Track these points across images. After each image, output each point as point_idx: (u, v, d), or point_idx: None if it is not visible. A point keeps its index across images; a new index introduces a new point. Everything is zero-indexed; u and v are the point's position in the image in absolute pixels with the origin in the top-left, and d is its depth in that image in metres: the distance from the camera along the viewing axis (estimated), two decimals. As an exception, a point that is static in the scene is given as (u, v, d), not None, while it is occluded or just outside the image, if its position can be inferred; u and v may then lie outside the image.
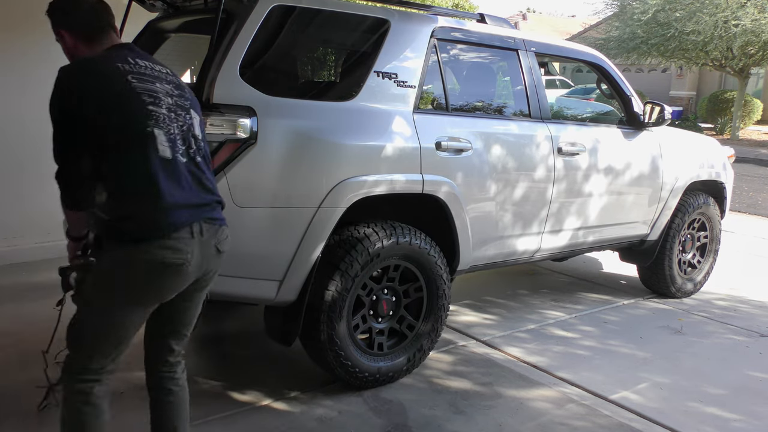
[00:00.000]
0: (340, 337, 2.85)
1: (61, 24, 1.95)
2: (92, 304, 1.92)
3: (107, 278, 1.88)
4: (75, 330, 1.94)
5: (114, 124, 1.79)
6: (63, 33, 1.95)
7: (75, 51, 1.97)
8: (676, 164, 4.28)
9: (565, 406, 2.96)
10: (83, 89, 1.81)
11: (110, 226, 1.87)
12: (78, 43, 1.95)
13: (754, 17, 14.71)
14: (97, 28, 1.96)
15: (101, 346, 1.90)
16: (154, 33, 3.56)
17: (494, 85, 3.94)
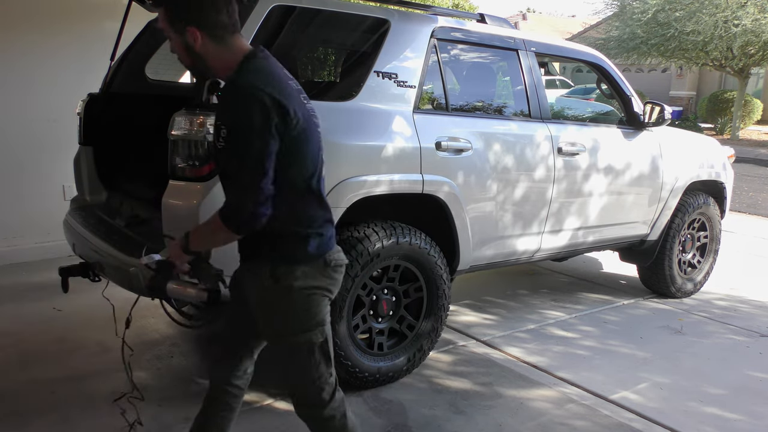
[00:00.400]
0: (340, 337, 2.85)
1: (197, 22, 1.75)
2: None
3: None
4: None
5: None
6: (195, 33, 1.75)
7: (200, 50, 1.79)
8: (676, 164, 4.28)
9: (565, 406, 2.96)
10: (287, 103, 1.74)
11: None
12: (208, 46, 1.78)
13: (754, 17, 14.71)
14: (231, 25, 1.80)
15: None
16: (154, 33, 3.57)
17: (494, 85, 3.94)
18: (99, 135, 3.47)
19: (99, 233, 2.98)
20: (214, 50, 1.78)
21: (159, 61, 3.80)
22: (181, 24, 1.76)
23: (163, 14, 1.79)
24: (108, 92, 3.50)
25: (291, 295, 1.83)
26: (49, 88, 4.86)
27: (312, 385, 1.91)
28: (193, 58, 1.80)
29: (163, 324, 3.76)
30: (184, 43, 1.78)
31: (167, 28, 1.79)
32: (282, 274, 1.82)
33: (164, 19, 1.78)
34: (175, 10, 1.77)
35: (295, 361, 1.90)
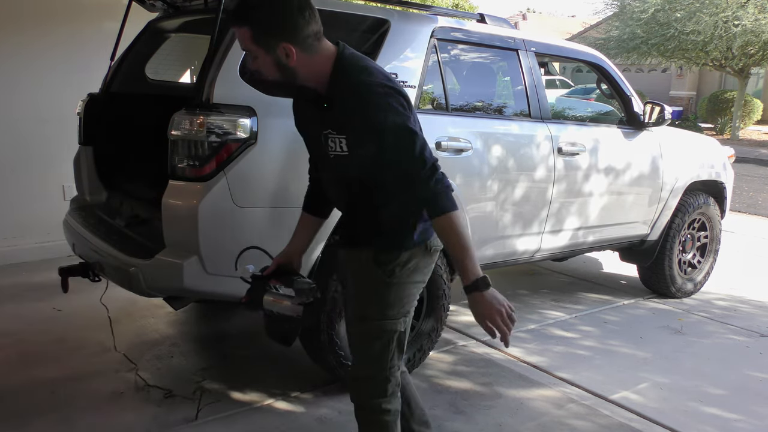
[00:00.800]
0: (341, 338, 2.85)
1: (288, 37, 1.68)
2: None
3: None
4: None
5: None
6: (289, 48, 1.68)
7: (295, 65, 1.72)
8: (676, 164, 4.28)
9: (565, 406, 2.96)
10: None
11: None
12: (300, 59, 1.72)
13: (754, 17, 14.71)
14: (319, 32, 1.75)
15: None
16: (154, 33, 3.57)
17: (494, 85, 3.94)
18: (99, 135, 3.46)
19: (99, 233, 2.98)
20: (306, 61, 1.71)
21: (159, 61, 3.81)
22: (271, 41, 1.68)
23: (248, 33, 1.69)
24: (108, 92, 3.50)
25: (391, 281, 1.84)
26: (48, 88, 4.86)
27: (381, 373, 1.92)
28: (283, 73, 1.73)
29: (163, 324, 3.76)
30: (275, 60, 1.70)
31: (252, 47, 1.70)
32: (386, 260, 1.84)
33: (250, 39, 1.69)
34: (265, 29, 1.68)
35: (373, 347, 1.90)
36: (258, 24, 1.67)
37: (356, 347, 1.99)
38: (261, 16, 1.67)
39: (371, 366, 1.93)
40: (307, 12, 1.70)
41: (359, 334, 1.97)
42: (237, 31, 1.73)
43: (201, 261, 2.47)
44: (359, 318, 1.95)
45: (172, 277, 2.49)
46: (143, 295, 2.67)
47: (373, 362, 1.92)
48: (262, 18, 1.67)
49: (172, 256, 2.49)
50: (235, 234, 2.53)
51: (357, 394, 2.00)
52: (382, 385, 1.94)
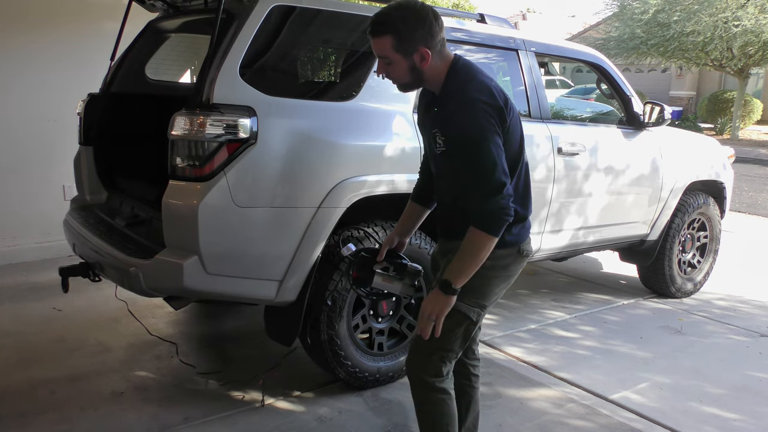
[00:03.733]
0: (341, 337, 2.85)
1: (426, 43, 1.89)
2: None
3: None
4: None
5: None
6: (425, 51, 1.90)
7: (427, 67, 1.94)
8: (676, 164, 4.28)
9: (565, 406, 2.96)
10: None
11: None
12: (433, 61, 1.93)
13: (754, 17, 14.71)
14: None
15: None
16: (154, 33, 3.57)
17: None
18: (99, 135, 3.47)
19: (99, 233, 2.98)
20: (435, 65, 1.93)
21: (159, 61, 3.81)
22: (411, 47, 1.88)
23: (390, 41, 1.87)
24: (108, 92, 3.50)
25: (479, 272, 1.93)
26: (48, 89, 4.86)
27: (440, 351, 2.03)
28: (414, 77, 1.94)
29: (163, 324, 3.76)
30: (410, 64, 1.91)
31: (391, 53, 1.90)
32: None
33: (391, 46, 1.88)
34: (408, 36, 1.87)
35: (444, 323, 1.96)
36: (399, 33, 1.87)
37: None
38: (404, 26, 1.87)
39: (432, 343, 2.00)
40: (440, 20, 1.92)
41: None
42: (376, 41, 1.91)
43: (201, 261, 2.47)
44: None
45: (172, 277, 2.49)
46: (143, 295, 2.67)
47: (435, 340, 1.99)
48: (405, 28, 1.87)
49: (172, 256, 2.49)
50: (235, 234, 2.53)
51: (411, 367, 2.09)
52: (437, 365, 2.04)
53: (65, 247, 3.40)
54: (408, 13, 1.89)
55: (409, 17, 1.88)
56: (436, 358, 2.04)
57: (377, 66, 1.99)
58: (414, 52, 1.89)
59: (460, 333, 2.04)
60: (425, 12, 1.89)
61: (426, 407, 2.10)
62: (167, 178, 2.52)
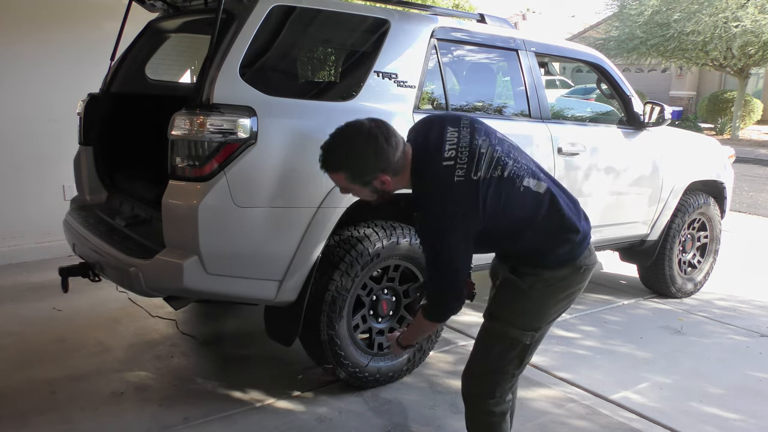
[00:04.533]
0: (341, 337, 2.85)
1: (382, 169, 1.89)
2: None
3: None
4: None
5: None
6: (384, 178, 1.90)
7: (390, 188, 1.96)
8: (676, 164, 4.28)
9: (565, 406, 2.96)
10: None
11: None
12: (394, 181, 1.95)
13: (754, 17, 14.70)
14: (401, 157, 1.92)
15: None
16: (154, 33, 3.57)
17: (494, 86, 3.94)
18: (99, 135, 3.46)
19: (99, 233, 2.98)
20: (396, 180, 1.92)
21: (159, 61, 3.81)
22: (367, 178, 1.89)
23: (342, 177, 1.90)
24: (108, 92, 3.50)
25: (530, 292, 1.95)
26: (48, 88, 4.86)
27: (495, 374, 2.02)
28: (380, 195, 1.97)
29: (163, 324, 3.76)
30: (371, 189, 1.93)
31: (349, 185, 1.93)
32: (525, 272, 1.97)
33: (346, 180, 1.90)
34: (360, 171, 1.88)
35: (493, 348, 2.01)
36: (351, 169, 1.88)
37: (478, 344, 2.08)
38: (354, 162, 1.87)
39: (486, 365, 2.03)
40: (392, 140, 1.86)
41: (485, 330, 2.07)
42: (331, 175, 1.94)
43: (201, 261, 2.47)
44: (489, 315, 2.05)
45: (172, 277, 2.49)
46: (143, 295, 2.67)
47: (489, 362, 2.02)
48: (355, 164, 1.87)
49: (172, 256, 2.49)
50: (235, 234, 2.53)
51: (466, 387, 2.12)
52: (491, 387, 2.03)
53: (65, 247, 3.40)
54: (356, 146, 1.86)
55: (359, 151, 1.86)
56: (490, 379, 2.04)
57: (340, 189, 2.01)
58: (373, 180, 1.89)
59: (515, 356, 2.01)
60: (373, 139, 1.84)
61: (477, 428, 2.12)
62: (167, 178, 2.52)
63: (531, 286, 1.95)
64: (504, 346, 1.99)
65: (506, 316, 2.00)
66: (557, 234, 1.95)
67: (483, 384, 2.05)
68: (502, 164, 1.93)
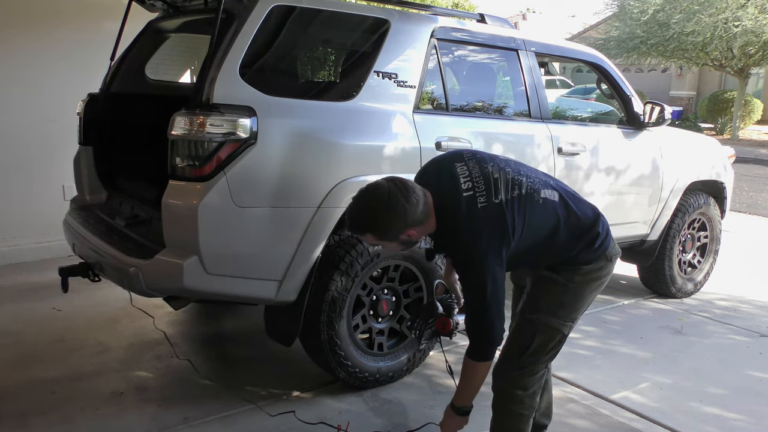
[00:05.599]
0: (341, 337, 2.85)
1: (406, 225, 1.97)
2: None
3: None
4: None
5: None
6: (410, 233, 1.98)
7: (417, 238, 2.05)
8: (676, 164, 4.28)
9: (565, 406, 2.96)
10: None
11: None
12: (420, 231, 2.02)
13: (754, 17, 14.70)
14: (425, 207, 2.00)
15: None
16: (154, 33, 3.57)
17: (494, 85, 3.94)
18: (99, 135, 3.46)
19: (99, 233, 2.98)
20: (421, 229, 2.00)
21: (159, 61, 3.81)
22: (394, 235, 1.97)
23: (372, 237, 1.99)
24: (108, 92, 3.50)
25: (568, 285, 2.07)
26: (48, 88, 4.86)
27: (531, 367, 2.12)
28: (407, 245, 2.06)
29: (163, 324, 3.76)
30: (399, 243, 2.02)
31: (379, 242, 2.02)
32: (564, 269, 2.08)
33: (374, 239, 2.00)
34: (386, 232, 1.97)
35: (532, 341, 2.10)
36: (377, 232, 1.97)
37: (517, 337, 2.15)
38: (379, 226, 1.96)
39: (525, 358, 2.10)
40: (413, 197, 1.93)
41: (526, 323, 2.13)
42: (360, 237, 2.08)
43: (201, 261, 2.47)
44: (532, 309, 2.12)
45: (172, 277, 2.49)
46: (143, 295, 2.67)
47: (528, 355, 2.10)
48: (381, 227, 1.96)
49: (172, 256, 2.49)
50: (234, 234, 2.53)
51: (501, 380, 2.16)
52: (528, 379, 2.12)
53: (65, 247, 3.40)
54: (378, 213, 1.93)
55: (382, 214, 1.93)
56: (526, 371, 2.12)
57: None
58: (400, 235, 1.97)
59: (553, 347, 2.13)
60: (394, 200, 1.91)
61: (508, 421, 2.17)
62: (167, 178, 2.52)
63: (569, 280, 2.07)
64: (545, 336, 2.09)
65: (548, 308, 2.09)
66: (583, 234, 2.08)
67: (521, 376, 2.12)
68: (518, 183, 2.02)
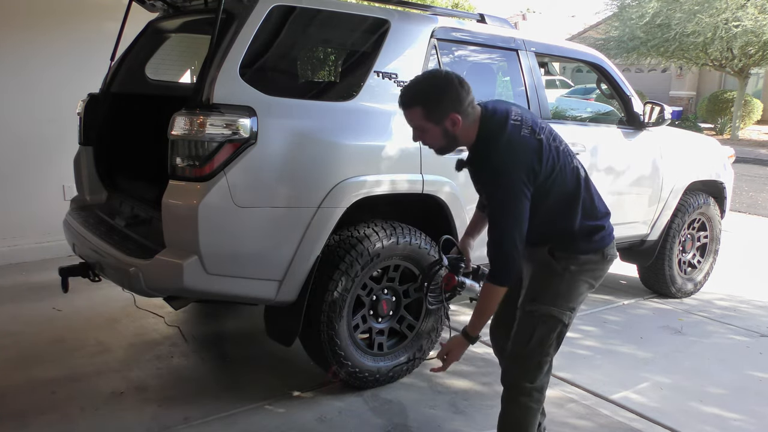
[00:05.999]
0: (341, 337, 2.85)
1: (455, 108, 2.02)
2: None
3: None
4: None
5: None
6: (455, 116, 2.02)
7: (459, 131, 2.07)
8: (676, 164, 4.28)
9: (565, 406, 2.96)
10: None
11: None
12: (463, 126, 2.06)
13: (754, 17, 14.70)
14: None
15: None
16: (154, 33, 3.57)
17: (494, 85, 3.94)
18: (99, 135, 3.47)
19: (99, 233, 2.98)
20: (466, 126, 2.05)
21: (159, 61, 3.81)
22: (442, 114, 2.01)
23: (420, 112, 2.02)
24: (108, 92, 3.50)
25: (564, 274, 2.14)
26: (48, 88, 4.86)
27: (535, 357, 2.16)
28: (448, 141, 2.08)
29: (163, 324, 3.76)
30: (442, 130, 2.04)
31: (423, 122, 2.04)
32: (561, 256, 2.14)
33: (422, 116, 2.03)
34: (435, 105, 2.01)
35: (535, 331, 2.15)
36: (427, 103, 2.01)
37: (519, 330, 2.19)
38: (430, 96, 2.02)
39: (530, 349, 2.16)
40: (466, 85, 2.03)
41: (526, 316, 2.18)
42: (408, 112, 2.06)
43: (201, 261, 2.47)
44: (530, 300, 2.18)
45: (172, 277, 2.49)
46: (143, 295, 2.67)
47: (532, 346, 2.15)
48: (431, 97, 2.01)
49: (172, 256, 2.49)
50: (235, 234, 2.53)
51: (508, 374, 2.22)
52: (534, 371, 2.17)
53: (65, 247, 3.40)
54: (434, 83, 2.04)
55: (436, 87, 2.03)
56: (533, 364, 2.17)
57: (413, 133, 2.11)
58: (444, 118, 2.02)
59: (555, 337, 2.18)
60: (450, 80, 2.02)
61: (516, 412, 2.22)
62: (167, 178, 2.52)
63: (565, 269, 2.13)
64: (547, 327, 2.15)
65: (546, 298, 2.15)
66: (589, 221, 2.16)
67: (527, 368, 2.17)
68: (559, 140, 2.13)
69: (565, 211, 2.13)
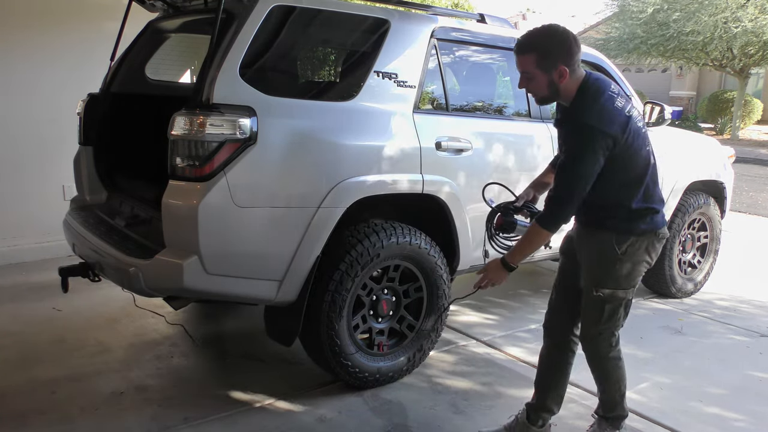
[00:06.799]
0: (340, 337, 2.85)
1: (564, 60, 2.17)
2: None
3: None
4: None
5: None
6: (563, 68, 2.16)
7: (564, 84, 2.21)
8: (676, 164, 4.28)
9: (565, 406, 2.95)
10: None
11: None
12: (568, 79, 2.20)
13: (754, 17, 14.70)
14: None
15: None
16: (154, 33, 3.57)
17: (494, 85, 3.94)
18: (99, 135, 3.47)
19: (99, 233, 2.98)
20: (569, 82, 2.19)
21: (159, 61, 3.81)
22: (552, 64, 2.16)
23: (533, 58, 2.16)
24: (108, 92, 3.50)
25: (623, 258, 2.30)
26: (49, 88, 4.86)
27: (609, 330, 2.41)
28: (551, 91, 2.22)
29: (163, 324, 3.76)
30: (549, 79, 2.19)
31: (533, 69, 2.18)
32: (620, 240, 2.28)
33: (533, 63, 2.17)
34: (549, 54, 2.15)
35: (604, 311, 2.36)
36: (542, 50, 2.16)
37: (589, 312, 2.41)
38: (546, 44, 2.17)
39: (601, 326, 2.39)
40: (578, 43, 2.20)
41: (594, 300, 2.37)
42: (521, 57, 2.20)
43: (201, 261, 2.47)
44: (596, 285, 2.36)
45: (172, 277, 2.49)
46: (143, 295, 2.67)
47: (604, 322, 2.38)
48: (547, 45, 2.17)
49: (172, 256, 2.49)
50: (234, 234, 2.53)
51: (588, 343, 2.45)
52: (609, 340, 2.43)
53: (65, 247, 3.40)
54: (551, 34, 2.18)
55: (553, 38, 2.17)
56: (607, 334, 2.41)
57: (519, 80, 2.24)
58: (553, 68, 2.16)
59: (622, 310, 2.39)
60: (566, 34, 2.18)
61: (605, 372, 2.49)
62: (167, 178, 2.52)
63: (623, 252, 2.29)
64: (613, 305, 2.35)
65: (611, 282, 2.32)
66: (648, 203, 2.29)
67: (604, 339, 2.42)
68: (643, 125, 2.27)
69: (628, 189, 2.26)
